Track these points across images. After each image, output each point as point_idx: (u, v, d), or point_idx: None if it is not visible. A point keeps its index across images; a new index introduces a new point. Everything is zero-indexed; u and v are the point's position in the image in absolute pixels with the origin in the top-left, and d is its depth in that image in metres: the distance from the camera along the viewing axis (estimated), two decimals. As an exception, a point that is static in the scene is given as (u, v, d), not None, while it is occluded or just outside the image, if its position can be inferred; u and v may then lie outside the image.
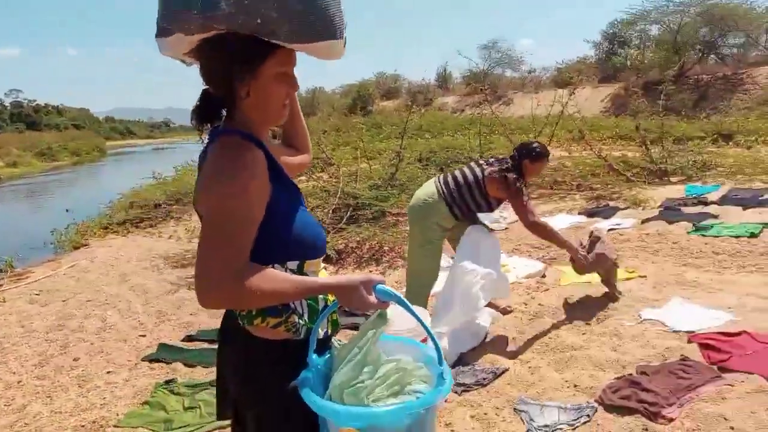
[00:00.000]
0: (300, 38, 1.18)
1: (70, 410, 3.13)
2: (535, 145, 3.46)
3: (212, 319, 4.29)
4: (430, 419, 1.24)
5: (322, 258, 1.37)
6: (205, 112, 1.30)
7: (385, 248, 5.33)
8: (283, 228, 1.26)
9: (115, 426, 2.89)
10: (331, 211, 5.98)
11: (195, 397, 3.08)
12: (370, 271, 5.12)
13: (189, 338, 3.98)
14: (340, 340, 1.34)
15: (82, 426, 2.93)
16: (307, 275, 1.29)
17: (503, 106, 24.87)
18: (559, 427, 2.41)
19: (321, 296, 1.31)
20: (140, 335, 4.16)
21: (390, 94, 39.66)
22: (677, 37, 21.09)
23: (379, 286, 1.21)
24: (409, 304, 1.26)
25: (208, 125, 1.32)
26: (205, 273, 1.13)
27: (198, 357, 3.62)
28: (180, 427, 2.80)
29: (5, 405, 3.27)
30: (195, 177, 1.32)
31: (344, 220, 5.92)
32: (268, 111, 1.29)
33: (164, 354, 3.71)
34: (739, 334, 2.93)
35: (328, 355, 1.30)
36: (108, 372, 3.58)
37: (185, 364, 3.55)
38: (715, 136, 10.75)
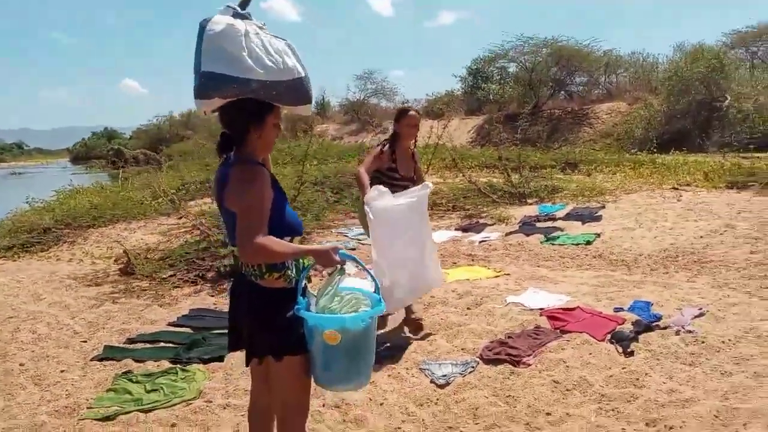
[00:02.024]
0: (293, 103, 2.01)
1: (36, 402, 3.51)
2: None
3: (145, 326, 4.77)
4: (372, 327, 2.04)
5: (300, 237, 2.15)
6: (224, 146, 2.06)
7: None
8: (280, 216, 2.03)
9: (88, 408, 3.36)
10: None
11: (155, 381, 3.62)
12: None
13: (130, 341, 4.44)
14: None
15: (56, 411, 3.36)
16: None
17: (381, 134, 26.38)
18: (453, 375, 3.33)
19: (301, 259, 2.09)
20: (81, 341, 4.53)
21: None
22: (532, 74, 23.73)
23: (341, 251, 2.03)
24: (359, 260, 2.11)
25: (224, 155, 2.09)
26: (244, 240, 1.89)
27: (146, 354, 4.12)
28: (150, 404, 3.34)
29: (-33, 404, 3.58)
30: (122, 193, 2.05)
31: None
32: (268, 146, 2.09)
33: (112, 353, 4.17)
34: (574, 309, 4.07)
35: (306, 297, 2.08)
36: (62, 371, 3.96)
37: (135, 360, 4.04)
38: (563, 164, 12.66)
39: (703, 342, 3.36)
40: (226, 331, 4.22)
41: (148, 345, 4.33)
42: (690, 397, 2.79)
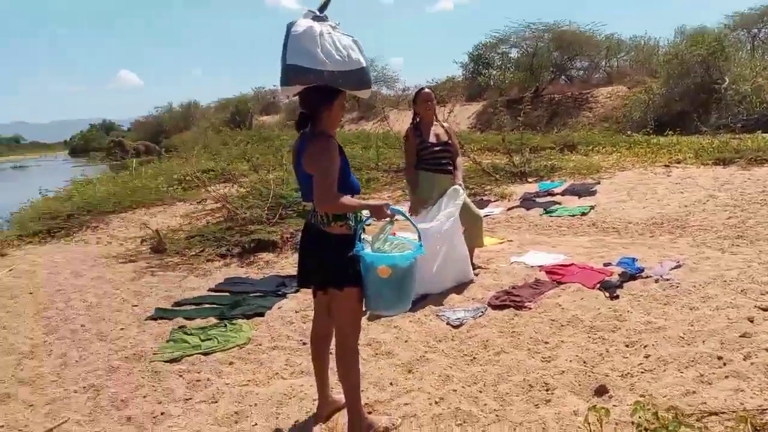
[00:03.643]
0: (356, 88, 2.55)
1: (106, 352, 4.09)
2: None
3: (186, 293, 5.34)
4: (415, 265, 2.59)
5: (359, 195, 2.70)
6: (301, 123, 2.61)
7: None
8: (345, 178, 2.58)
9: (154, 354, 3.94)
10: (267, 209, 7.19)
11: (207, 333, 4.19)
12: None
13: (177, 304, 5.01)
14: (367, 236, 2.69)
15: (126, 358, 3.94)
16: None
17: (380, 122, 26.86)
18: (465, 319, 3.90)
19: (358, 212, 2.64)
20: (132, 306, 5.11)
21: (270, 109, 40.40)
22: (533, 59, 24.02)
23: (391, 207, 2.58)
24: (406, 214, 2.67)
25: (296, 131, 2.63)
26: (322, 195, 2.44)
27: (193, 313, 4.69)
28: (208, 348, 3.91)
29: (46, 355, 4.15)
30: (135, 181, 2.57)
31: (277, 216, 7.15)
32: (335, 122, 2.63)
33: (164, 314, 4.74)
34: (569, 265, 4.63)
35: (361, 242, 2.62)
36: (121, 329, 4.53)
37: (185, 318, 4.60)
38: (562, 146, 13.19)
39: (677, 287, 3.92)
40: (262, 294, 4.84)
41: (194, 306, 4.89)
42: (662, 326, 3.37)
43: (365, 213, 2.63)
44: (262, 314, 4.49)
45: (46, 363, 3.98)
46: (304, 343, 3.84)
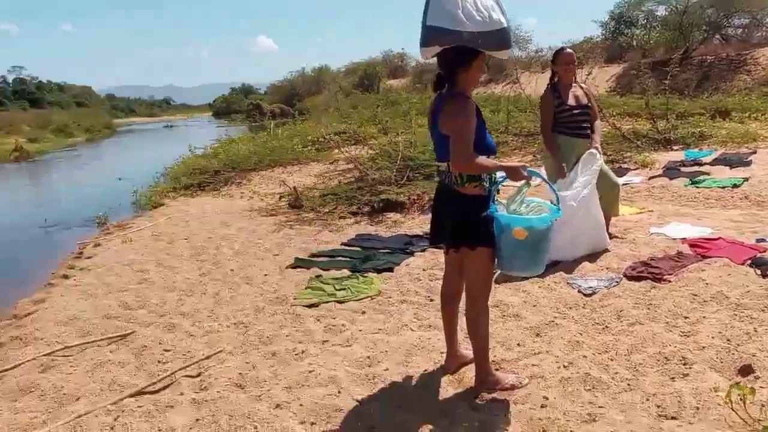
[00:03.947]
0: (495, 49, 2.53)
1: (253, 294, 4.50)
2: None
3: (321, 246, 5.67)
4: (551, 228, 2.57)
5: (495, 155, 2.71)
6: (439, 84, 2.64)
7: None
8: (481, 139, 2.60)
9: (294, 298, 4.27)
10: (395, 170, 7.37)
11: (342, 283, 4.46)
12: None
13: (313, 255, 5.35)
14: (499, 199, 2.71)
15: (270, 300, 4.31)
16: None
17: (511, 84, 26.04)
18: (598, 288, 3.80)
19: (492, 174, 2.65)
20: (274, 255, 5.54)
21: (397, 73, 40.68)
22: (683, 17, 21.91)
23: (528, 168, 2.56)
24: (543, 176, 2.64)
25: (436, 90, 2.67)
26: (458, 155, 2.48)
27: (328, 264, 4.99)
28: (342, 297, 4.17)
29: (201, 294, 4.64)
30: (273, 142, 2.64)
31: (405, 178, 7.31)
32: (473, 83, 2.63)
33: (302, 263, 5.09)
34: (717, 239, 4.32)
35: (495, 204, 2.64)
36: (265, 275, 4.95)
37: (321, 269, 4.92)
38: (713, 112, 12.05)
39: None
40: (390, 251, 5.02)
41: (328, 258, 5.20)
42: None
43: (500, 174, 2.63)
44: (391, 269, 4.67)
45: (202, 300, 4.46)
46: (431, 300, 3.97)
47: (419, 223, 6.21)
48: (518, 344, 3.21)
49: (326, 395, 2.86)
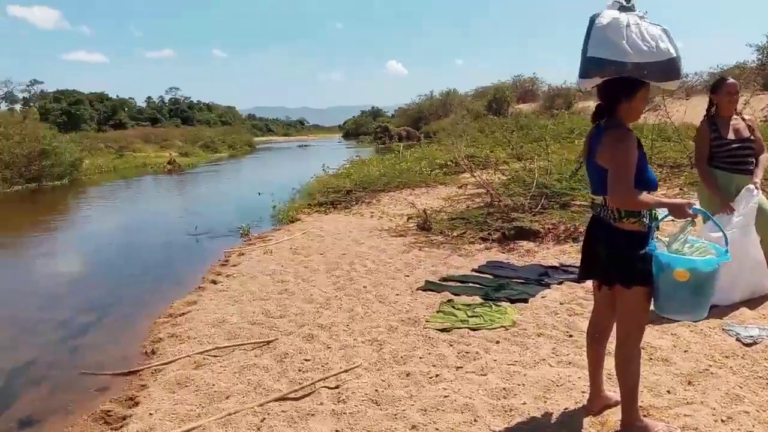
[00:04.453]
0: (662, 80, 2.42)
1: (386, 313, 4.61)
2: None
3: (450, 270, 5.69)
4: (717, 272, 2.39)
5: (655, 191, 2.59)
6: (598, 115, 2.58)
7: (580, 229, 6.43)
8: (641, 173, 2.49)
9: (426, 321, 4.32)
10: (529, 197, 7.24)
11: (474, 310, 4.44)
12: (570, 248, 6.26)
13: (444, 279, 5.38)
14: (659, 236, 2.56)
15: (402, 321, 4.38)
16: None
17: (649, 111, 24.56)
18: (760, 338, 3.46)
19: (653, 210, 2.52)
20: (405, 275, 5.64)
21: (527, 97, 40.04)
22: None
23: (693, 206, 2.41)
24: (710, 215, 2.47)
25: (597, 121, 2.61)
26: (616, 189, 2.39)
27: (459, 289, 5.00)
28: (475, 324, 4.15)
29: (337, 308, 4.83)
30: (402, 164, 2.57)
31: (539, 206, 7.15)
32: (636, 115, 2.54)
33: (433, 286, 5.14)
34: None
35: (655, 242, 2.50)
36: (396, 294, 5.05)
37: (451, 293, 4.93)
38: None
39: None
40: (524, 281, 4.93)
41: (459, 283, 5.21)
42: None
43: (662, 210, 2.50)
44: (525, 300, 4.57)
45: (338, 314, 4.64)
46: (570, 335, 3.83)
47: (554, 254, 6.03)
48: (668, 391, 3.01)
49: (462, 422, 2.85)
